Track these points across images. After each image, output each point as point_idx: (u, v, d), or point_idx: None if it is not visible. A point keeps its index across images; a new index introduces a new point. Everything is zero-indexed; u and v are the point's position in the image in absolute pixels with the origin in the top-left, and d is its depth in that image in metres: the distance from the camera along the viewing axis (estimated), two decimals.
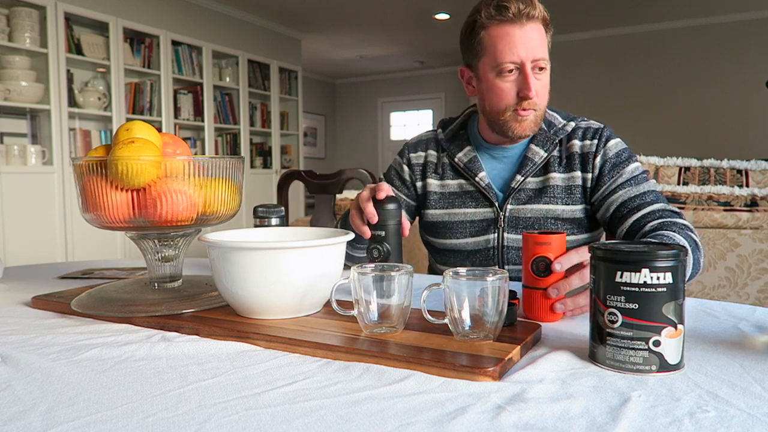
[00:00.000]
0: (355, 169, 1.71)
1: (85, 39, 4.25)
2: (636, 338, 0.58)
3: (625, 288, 0.58)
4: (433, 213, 1.28)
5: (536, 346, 0.69)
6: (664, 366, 0.58)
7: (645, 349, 0.58)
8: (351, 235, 0.81)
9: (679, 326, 0.58)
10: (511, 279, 0.79)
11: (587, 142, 1.20)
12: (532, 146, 1.21)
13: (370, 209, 0.95)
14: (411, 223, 1.36)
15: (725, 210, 2.19)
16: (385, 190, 0.97)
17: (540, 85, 1.13)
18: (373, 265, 0.71)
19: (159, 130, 0.89)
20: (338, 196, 2.60)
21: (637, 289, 0.57)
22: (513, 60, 1.10)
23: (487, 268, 0.68)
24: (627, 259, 0.58)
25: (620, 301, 0.58)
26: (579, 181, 1.18)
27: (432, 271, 1.39)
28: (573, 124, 1.22)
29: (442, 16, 5.98)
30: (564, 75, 6.50)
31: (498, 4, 1.10)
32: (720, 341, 0.70)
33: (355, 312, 0.70)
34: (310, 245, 0.75)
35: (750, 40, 5.79)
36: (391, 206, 0.95)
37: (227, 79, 5.48)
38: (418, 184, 1.32)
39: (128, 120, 4.16)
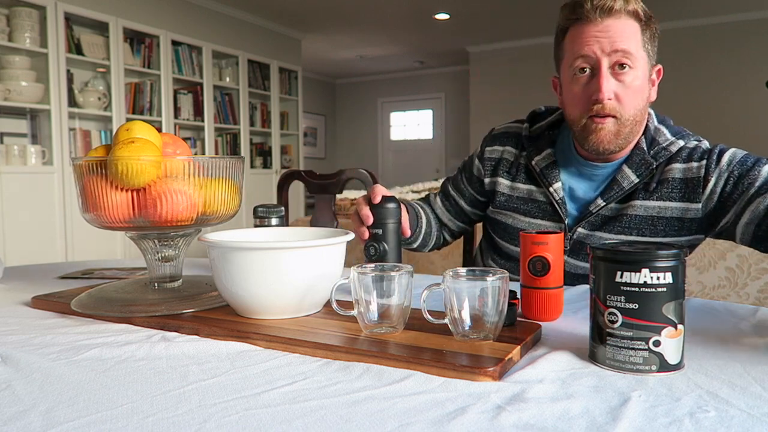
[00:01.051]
0: (355, 169, 1.70)
1: (85, 39, 4.25)
2: (636, 338, 0.58)
3: (625, 288, 0.58)
4: (497, 212, 1.20)
5: (536, 346, 0.69)
6: (664, 366, 0.58)
7: (645, 349, 0.58)
8: (351, 235, 0.82)
9: (679, 326, 0.58)
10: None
11: (693, 164, 1.02)
12: (625, 168, 1.05)
13: (365, 211, 0.94)
14: (477, 220, 1.32)
15: None
16: (379, 193, 0.94)
17: (621, 87, 0.99)
18: (373, 265, 0.71)
19: (159, 130, 0.89)
20: (338, 196, 2.59)
21: (637, 289, 0.57)
22: (584, 54, 0.99)
23: (486, 268, 0.68)
24: (627, 259, 0.58)
25: (620, 301, 0.58)
26: (674, 213, 1.03)
27: (483, 258, 1.32)
28: (681, 143, 1.05)
29: (442, 16, 5.98)
30: None
31: (572, 3, 1.02)
32: (720, 341, 0.70)
33: (355, 312, 0.70)
34: (310, 245, 0.75)
35: (750, 40, 5.79)
36: (390, 205, 0.95)
37: (227, 79, 5.48)
38: (486, 180, 1.22)
39: (128, 120, 4.16)
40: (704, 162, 1.02)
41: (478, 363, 0.59)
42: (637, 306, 0.57)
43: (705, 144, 1.07)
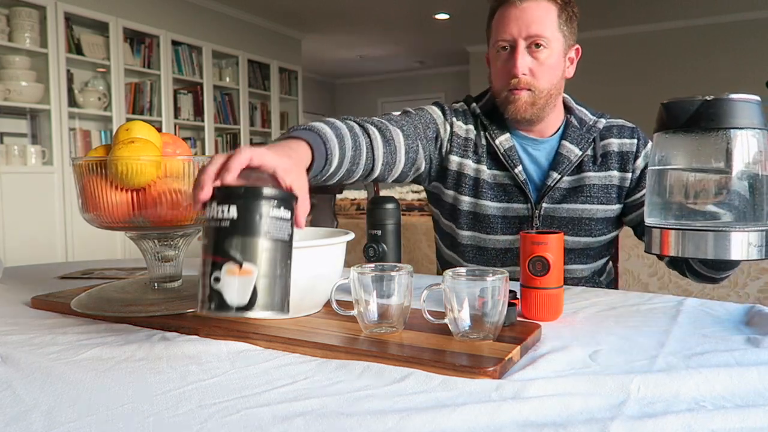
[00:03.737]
0: None
1: (85, 39, 4.25)
2: (204, 274, 0.55)
3: (204, 224, 0.56)
4: (463, 200, 1.17)
5: (536, 346, 0.69)
6: (223, 306, 0.54)
7: (207, 286, 0.54)
8: (351, 235, 0.81)
9: (247, 265, 0.54)
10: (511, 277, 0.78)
11: (626, 141, 1.18)
12: (565, 143, 1.17)
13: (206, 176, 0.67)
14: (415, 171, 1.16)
15: None
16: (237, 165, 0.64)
17: (535, 64, 1.10)
18: (373, 265, 0.71)
19: (159, 130, 0.89)
20: (338, 196, 2.59)
21: (207, 224, 0.56)
22: (504, 37, 1.10)
23: (487, 268, 0.68)
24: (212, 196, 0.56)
25: (203, 239, 0.57)
26: (615, 181, 1.16)
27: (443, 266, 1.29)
28: (604, 121, 1.19)
29: (442, 16, 5.98)
30: None
31: None
32: (719, 340, 0.70)
33: (355, 312, 0.70)
34: (310, 245, 0.75)
35: (750, 40, 5.79)
36: (389, 206, 0.95)
37: (227, 79, 5.48)
38: (454, 158, 1.17)
39: (128, 120, 4.15)
40: (635, 140, 1.18)
41: (478, 363, 0.59)
42: (207, 241, 0.55)
43: (624, 122, 1.22)
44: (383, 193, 3.16)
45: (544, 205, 1.16)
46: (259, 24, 5.84)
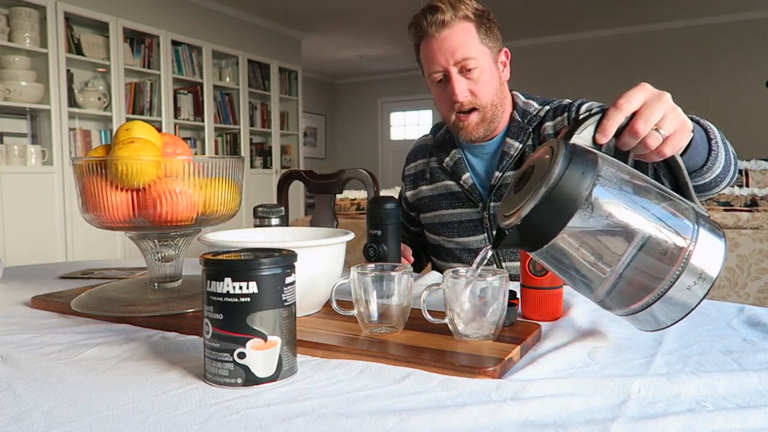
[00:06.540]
0: (355, 169, 1.70)
1: (85, 39, 4.25)
2: (223, 350, 0.55)
3: (213, 297, 0.56)
4: (424, 216, 1.32)
5: (536, 346, 0.69)
6: (252, 380, 0.55)
7: (230, 362, 0.55)
8: (351, 235, 0.82)
9: (272, 338, 0.55)
10: (511, 277, 0.79)
11: (558, 119, 1.16)
12: (508, 139, 1.19)
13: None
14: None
15: (725, 210, 2.19)
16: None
17: (472, 84, 1.13)
18: (373, 265, 0.71)
19: (159, 130, 0.89)
20: (338, 196, 2.59)
21: (221, 299, 0.55)
22: (436, 69, 1.14)
23: (487, 268, 0.68)
24: (212, 270, 0.56)
25: (210, 311, 0.56)
26: None
27: (435, 268, 1.41)
28: (547, 107, 1.20)
29: None
30: (563, 75, 6.49)
31: (414, 23, 1.16)
32: (715, 338, 0.70)
33: (355, 312, 0.70)
34: (310, 245, 0.75)
35: (750, 40, 5.79)
36: (389, 206, 0.95)
37: (227, 79, 5.48)
38: (409, 194, 1.36)
39: (128, 120, 4.16)
40: (566, 114, 1.16)
41: (478, 363, 0.59)
42: (222, 316, 0.56)
43: (566, 100, 1.20)
44: (383, 193, 3.16)
45: (491, 204, 1.19)
46: (259, 24, 5.84)
